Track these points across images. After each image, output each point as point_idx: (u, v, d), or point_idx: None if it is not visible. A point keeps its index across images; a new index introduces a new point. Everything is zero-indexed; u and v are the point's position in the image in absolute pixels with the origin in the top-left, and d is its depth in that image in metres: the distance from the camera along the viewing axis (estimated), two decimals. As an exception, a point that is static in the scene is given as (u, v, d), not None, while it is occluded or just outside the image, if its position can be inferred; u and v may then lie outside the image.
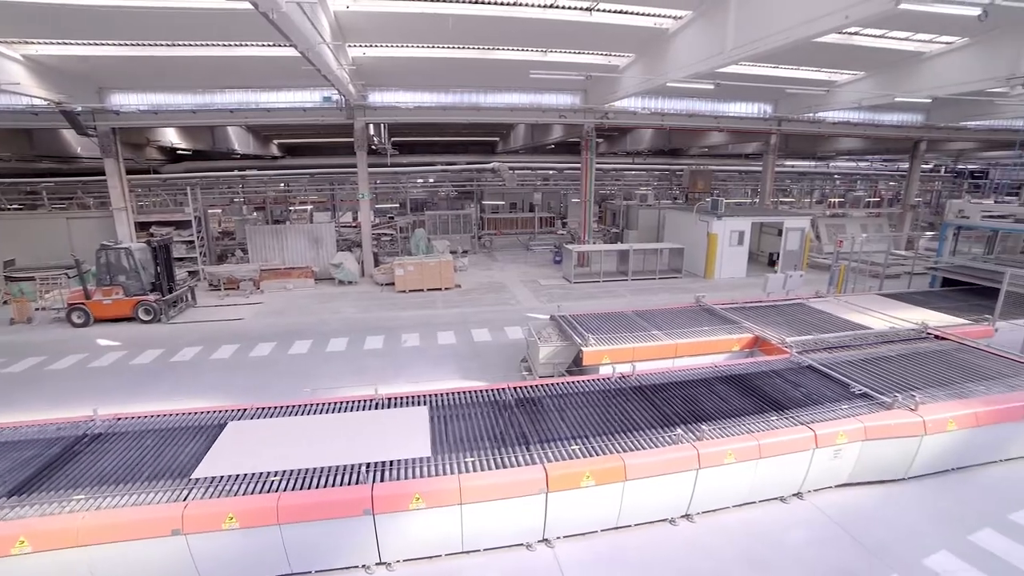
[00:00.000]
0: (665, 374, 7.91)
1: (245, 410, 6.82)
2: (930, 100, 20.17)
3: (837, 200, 34.26)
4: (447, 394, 7.25)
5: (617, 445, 5.94)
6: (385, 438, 6.07)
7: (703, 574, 5.41)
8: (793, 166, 37.44)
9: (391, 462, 5.58)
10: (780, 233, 19.83)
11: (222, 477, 5.32)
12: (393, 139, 26.19)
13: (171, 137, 22.88)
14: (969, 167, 38.33)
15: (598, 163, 28.81)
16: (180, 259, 18.54)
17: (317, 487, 5.18)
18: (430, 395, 7.21)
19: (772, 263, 20.36)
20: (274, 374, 10.72)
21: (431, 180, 33.61)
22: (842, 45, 13.87)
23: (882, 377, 7.77)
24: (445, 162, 29.36)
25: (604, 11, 11.65)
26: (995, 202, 17.25)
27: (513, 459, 5.66)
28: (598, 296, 16.57)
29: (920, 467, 6.90)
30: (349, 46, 13.72)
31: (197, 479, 5.31)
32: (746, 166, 35.76)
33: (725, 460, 5.89)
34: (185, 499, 4.99)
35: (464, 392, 7.31)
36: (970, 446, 7.04)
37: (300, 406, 6.92)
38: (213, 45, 13.34)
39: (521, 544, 5.71)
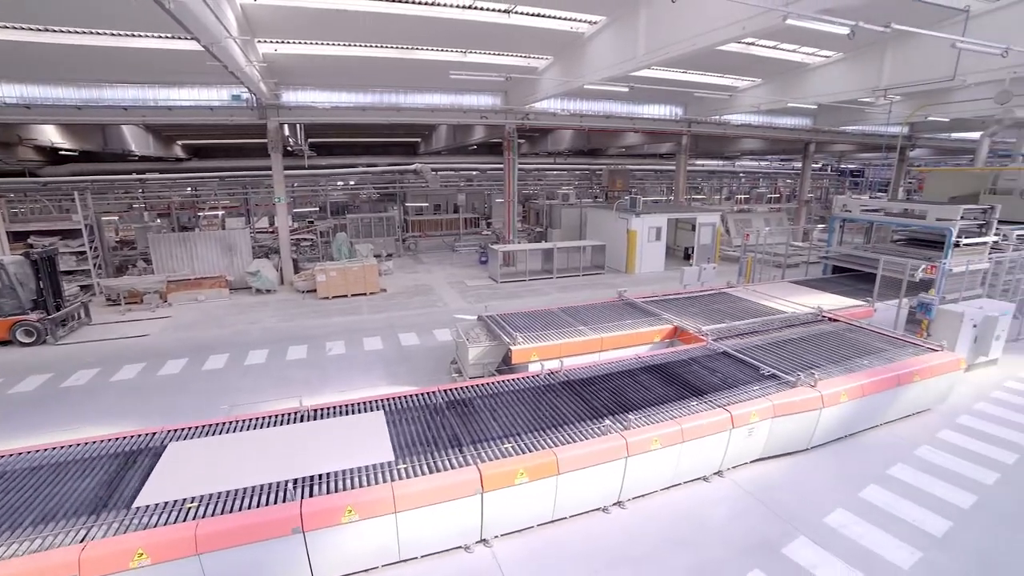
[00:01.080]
0: (592, 368, 8.18)
1: (155, 434, 6.30)
2: (816, 106, 22.25)
3: (743, 197, 36.92)
4: (377, 401, 7.08)
5: (549, 440, 6.07)
6: (314, 451, 5.84)
7: (636, 557, 5.66)
8: (703, 165, 39.94)
9: (322, 475, 5.38)
10: (694, 228, 21.08)
11: (130, 510, 4.89)
12: (310, 140, 25.11)
13: (51, 135, 20.49)
14: (849, 167, 42.70)
15: (520, 163, 29.17)
16: (69, 272, 16.74)
17: (241, 509, 4.89)
18: (359, 403, 7.01)
19: (687, 257, 21.60)
20: (187, 393, 9.97)
21: (352, 182, 32.60)
22: (741, 54, 15.01)
23: (786, 358, 8.48)
24: (366, 164, 28.57)
25: (522, 14, 11.85)
26: (870, 197, 19.35)
27: (447, 462, 5.64)
28: (524, 295, 16.82)
29: (819, 437, 7.62)
30: (259, 41, 13.01)
31: (98, 515, 4.84)
32: (661, 165, 37.69)
33: (652, 446, 6.19)
34: (83, 540, 4.51)
35: (394, 398, 7.17)
36: (858, 415, 7.88)
37: (218, 425, 6.49)
38: (99, 34, 12.09)
39: (459, 547, 5.70)
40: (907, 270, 11.74)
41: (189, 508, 4.90)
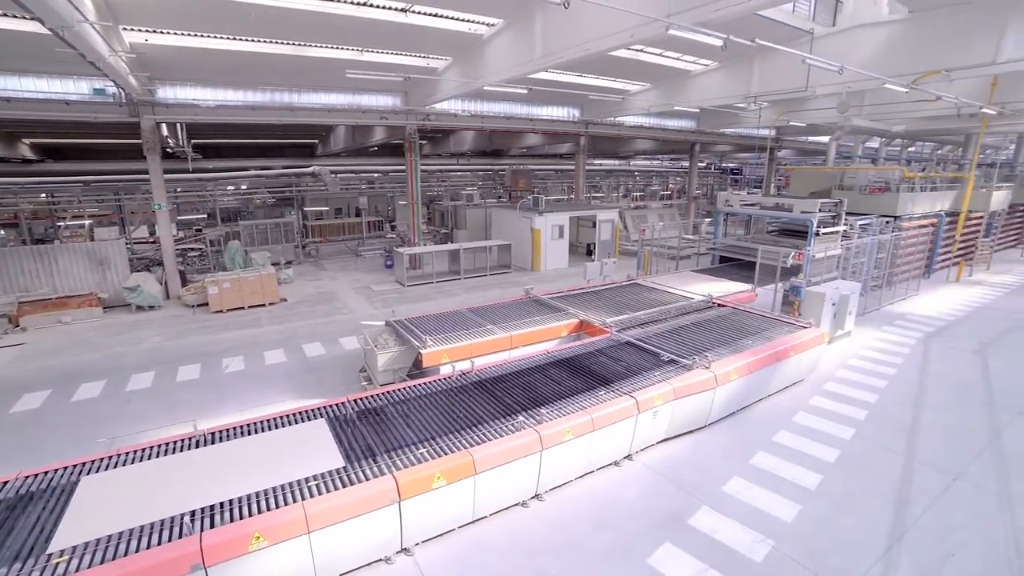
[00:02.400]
0: (503, 366, 8.31)
1: (7, 483, 5.47)
2: (699, 110, 24.15)
3: (639, 194, 39.14)
4: (283, 417, 6.69)
5: (465, 441, 6.09)
6: (215, 477, 5.41)
7: (557, 545, 5.85)
8: (601, 165, 41.90)
9: (224, 503, 4.99)
10: (594, 225, 22.05)
11: (-17, 569, 4.23)
12: (195, 141, 23.02)
13: None
14: (730, 165, 46.85)
15: (423, 164, 28.85)
16: None
17: (127, 554, 4.40)
18: (263, 421, 6.59)
19: (590, 253, 22.54)
20: (49, 429, 8.76)
21: (244, 187, 30.40)
22: (632, 60, 15.92)
23: (683, 344, 9.15)
24: (259, 167, 26.75)
25: (419, 13, 11.70)
26: (748, 193, 21.41)
27: (360, 474, 5.47)
28: (433, 297, 16.68)
29: (715, 414, 8.32)
30: (125, 29, 11.68)
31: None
32: (561, 165, 39.01)
33: (565, 438, 6.41)
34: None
35: (301, 412, 6.82)
36: (746, 390, 8.70)
37: (94, 462, 5.79)
38: None
39: (379, 559, 5.56)
40: (780, 257, 13.12)
41: (58, 563, 4.28)
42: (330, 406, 6.99)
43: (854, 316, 12.56)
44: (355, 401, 7.10)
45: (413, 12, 11.53)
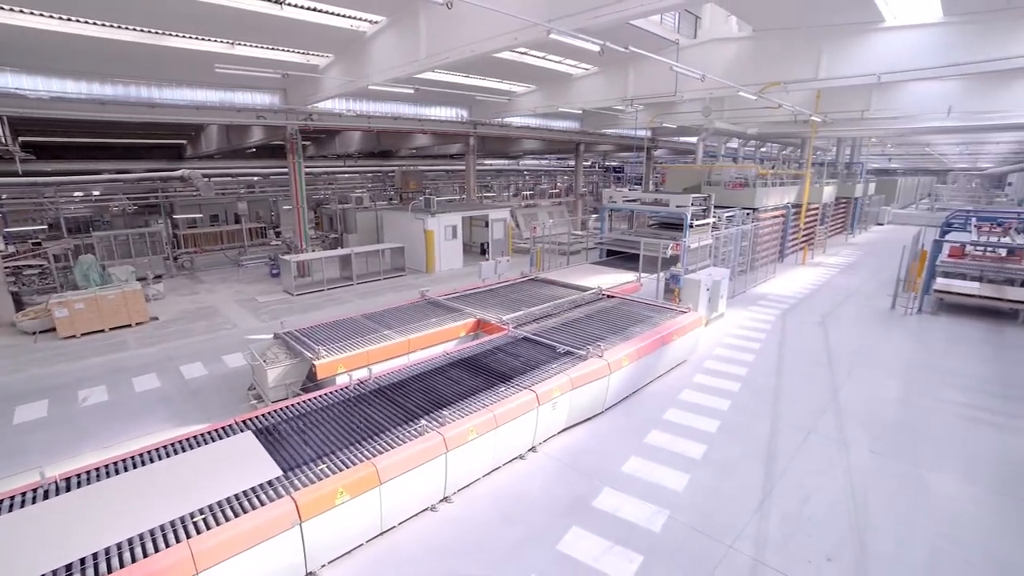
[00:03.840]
0: (402, 371, 8.16)
1: None
2: (581, 111, 25.35)
3: (529, 193, 40.24)
4: (161, 448, 6.03)
5: (367, 451, 5.91)
6: (75, 530, 4.73)
7: (468, 545, 5.87)
8: (491, 165, 42.43)
9: (86, 558, 4.39)
10: (487, 225, 22.32)
11: None
12: (24, 139, 19.77)
13: None
14: (613, 164, 49.71)
15: (308, 166, 27.37)
16: None
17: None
18: (134, 456, 5.88)
19: (483, 252, 22.79)
20: None
21: (96, 193, 26.72)
22: (517, 62, 16.31)
23: (577, 335, 9.58)
24: (115, 170, 23.64)
25: (296, 7, 11.07)
26: (629, 190, 22.93)
27: (255, 499, 5.10)
28: (325, 305, 15.92)
29: (611, 399, 8.82)
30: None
31: None
32: (452, 166, 38.94)
33: (469, 437, 6.45)
34: None
35: (181, 441, 6.19)
36: (638, 374, 9.32)
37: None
38: None
39: (279, 588, 5.21)
40: (660, 249, 14.21)
41: None
42: (216, 430, 6.42)
43: (726, 299, 13.96)
44: (243, 422, 6.59)
45: (289, 5, 10.89)
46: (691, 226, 15.67)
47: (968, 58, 11.15)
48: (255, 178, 30.73)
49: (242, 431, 6.40)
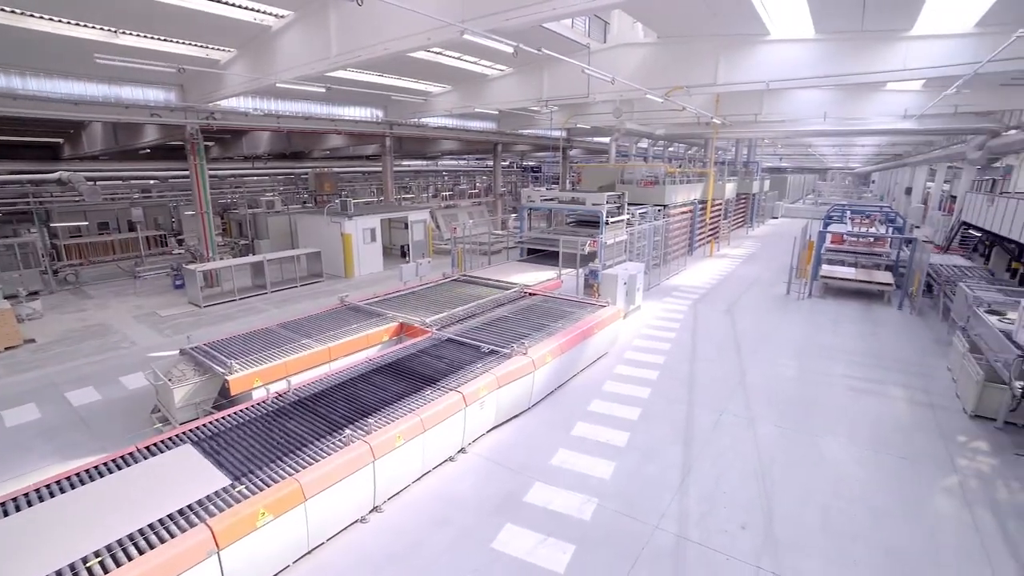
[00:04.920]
0: (323, 380, 7.86)
1: None
2: (498, 112, 25.59)
3: (448, 193, 39.98)
4: (49, 486, 5.39)
5: (289, 468, 5.63)
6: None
7: (402, 553, 5.76)
8: (409, 165, 41.75)
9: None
10: (407, 226, 21.95)
11: None
12: None
13: None
14: (530, 164, 50.58)
15: (212, 168, 25.58)
16: None
17: None
18: (16, 497, 5.22)
19: (404, 254, 22.40)
20: None
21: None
22: (432, 62, 16.15)
23: (501, 334, 9.67)
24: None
25: (190, -6, 10.29)
26: (547, 189, 23.47)
27: (165, 532, 4.70)
28: (237, 316, 14.94)
29: (537, 395, 8.99)
30: None
31: None
32: (368, 167, 37.88)
33: (396, 444, 6.32)
34: None
35: (73, 475, 5.57)
36: (562, 369, 9.57)
37: None
38: None
39: (195, 622, 4.84)
40: (578, 246, 14.65)
41: None
42: (114, 460, 5.85)
43: (642, 292, 14.67)
44: (145, 449, 6.05)
45: (180, -7, 10.11)
46: (607, 223, 16.30)
47: (837, 71, 12.51)
48: (151, 181, 28.23)
49: (145, 458, 5.87)
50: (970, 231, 19.99)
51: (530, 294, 12.42)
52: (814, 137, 30.60)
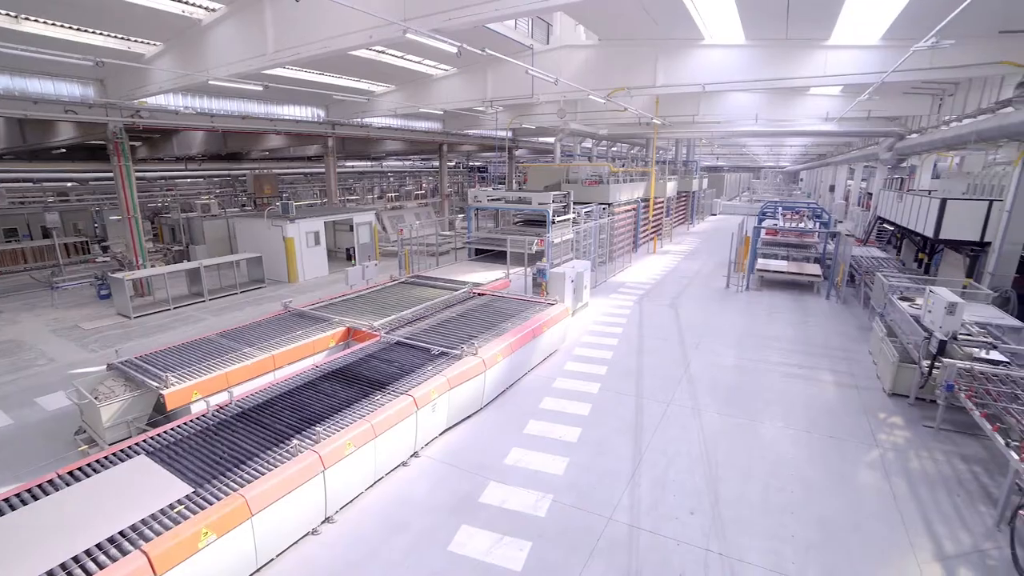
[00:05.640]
0: (268, 389, 7.57)
1: None
2: (443, 112, 25.41)
3: (394, 194, 39.35)
4: (-51, 520, 4.91)
5: (233, 483, 5.40)
6: None
7: (357, 563, 5.63)
8: (353, 166, 40.76)
9: None
10: (352, 229, 21.44)
11: None
12: None
13: None
14: (477, 164, 50.53)
15: (140, 170, 24.12)
16: None
17: None
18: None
19: (350, 257, 21.88)
20: None
21: None
22: (375, 61, 15.84)
23: (451, 335, 9.63)
24: None
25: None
26: (493, 189, 23.54)
27: (92, 563, 4.38)
28: (172, 326, 14.14)
29: (488, 395, 9.01)
30: None
31: None
32: (311, 168, 36.73)
33: (347, 451, 6.18)
34: None
35: (-17, 506, 5.12)
36: (512, 368, 9.63)
37: None
38: None
39: (133, 653, 4.55)
40: (526, 245, 14.78)
41: None
42: (29, 489, 5.40)
43: (589, 289, 14.96)
44: (68, 474, 5.63)
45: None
46: (553, 222, 16.53)
47: (766, 76, 13.25)
48: (69, 184, 26.23)
49: (68, 484, 5.46)
50: (885, 225, 21.63)
51: (479, 294, 12.42)
52: (747, 137, 32.20)
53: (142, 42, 12.99)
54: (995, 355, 8.66)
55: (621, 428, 8.40)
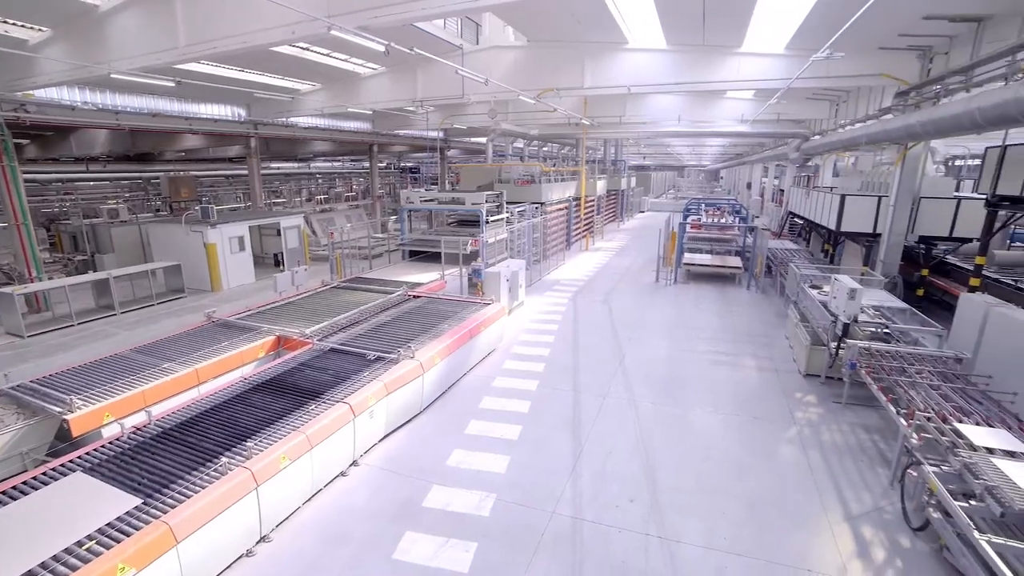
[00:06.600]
0: (192, 406, 7.09)
1: None
2: (372, 112, 24.80)
3: (323, 197, 37.99)
4: None
5: (155, 509, 5.02)
6: None
7: (289, 582, 5.40)
8: (279, 168, 38.91)
9: None
10: (279, 233, 20.49)
11: None
12: None
13: None
14: (408, 165, 49.74)
15: (30, 172, 21.91)
16: None
17: None
18: None
19: (278, 263, 20.91)
20: None
21: None
22: (299, 58, 15.21)
23: (387, 339, 9.44)
24: None
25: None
26: (426, 190, 23.29)
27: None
28: (76, 345, 12.86)
29: (427, 398, 8.91)
30: None
31: None
32: (233, 170, 34.65)
33: (281, 465, 5.91)
34: None
35: None
36: (451, 369, 9.59)
37: None
38: None
39: None
40: (460, 246, 14.73)
41: None
42: (-92, 531, 4.77)
43: (524, 288, 15.14)
44: (-42, 510, 5.02)
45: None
46: (487, 222, 16.58)
47: (686, 79, 13.96)
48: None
49: (-42, 522, 4.88)
50: (795, 219, 23.38)
51: (415, 296, 12.25)
52: (671, 137, 33.73)
53: (24, 26, 11.75)
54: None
55: (560, 423, 8.56)
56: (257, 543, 5.86)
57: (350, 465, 7.30)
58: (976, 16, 9.77)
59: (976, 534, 4.74)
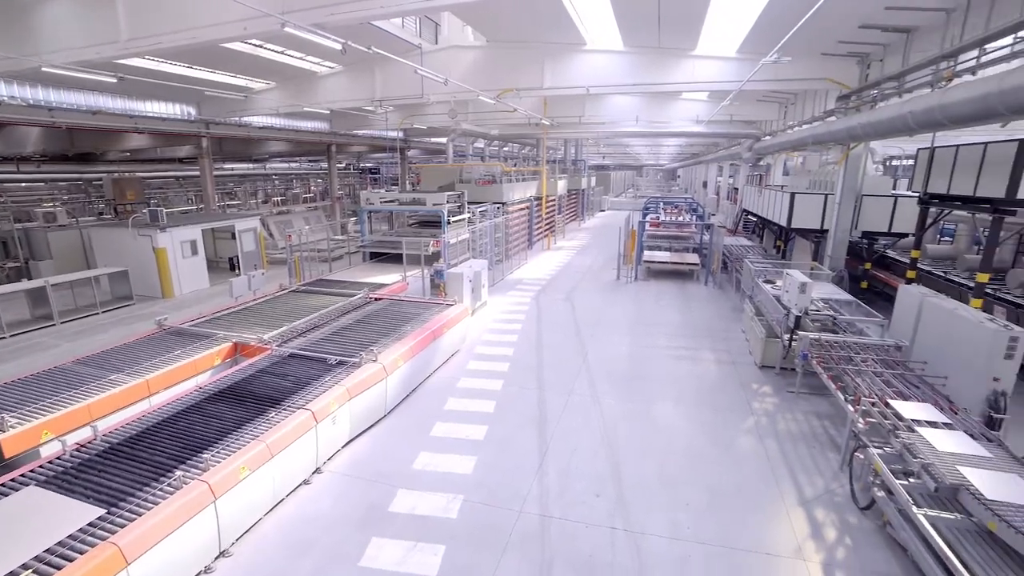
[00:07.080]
0: (143, 419, 6.78)
1: None
2: (330, 112, 24.27)
3: (280, 198, 36.94)
4: None
5: (103, 530, 4.77)
6: None
7: (251, 597, 5.23)
8: (233, 169, 37.58)
9: None
10: (234, 236, 19.81)
11: None
12: None
13: None
14: (368, 165, 48.96)
15: (-46, 175, 20.50)
16: None
17: None
18: None
19: (233, 267, 20.21)
20: None
21: None
22: (252, 55, 14.74)
23: (348, 343, 9.27)
24: None
25: None
26: (386, 191, 22.97)
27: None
28: (8, 359, 11.98)
29: (391, 401, 8.81)
30: None
31: None
32: (183, 171, 33.25)
33: (241, 476, 5.72)
34: None
35: None
36: (415, 372, 9.50)
37: None
38: None
39: None
40: (422, 247, 14.62)
41: None
42: None
43: (487, 288, 15.13)
44: None
45: None
46: (449, 222, 16.50)
47: (642, 80, 14.26)
48: None
49: None
50: (749, 216, 24.22)
51: (376, 299, 12.08)
52: (629, 137, 34.33)
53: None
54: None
55: (526, 422, 8.61)
56: (216, 559, 5.66)
57: (313, 473, 7.13)
58: (905, 27, 10.40)
59: (914, 508, 5.08)
